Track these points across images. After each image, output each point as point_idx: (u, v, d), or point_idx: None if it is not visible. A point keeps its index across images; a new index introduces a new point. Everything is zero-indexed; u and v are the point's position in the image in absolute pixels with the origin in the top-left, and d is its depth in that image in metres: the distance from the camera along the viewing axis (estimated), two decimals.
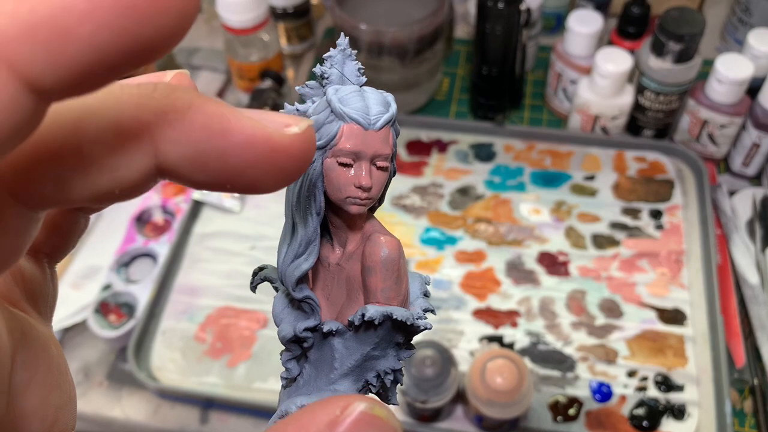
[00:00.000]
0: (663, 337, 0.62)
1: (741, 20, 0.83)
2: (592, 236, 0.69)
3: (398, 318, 0.19)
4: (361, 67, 0.20)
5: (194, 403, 0.62)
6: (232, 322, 0.65)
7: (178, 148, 0.14)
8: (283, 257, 0.20)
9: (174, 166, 0.14)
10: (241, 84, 0.83)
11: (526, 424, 0.57)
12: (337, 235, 0.20)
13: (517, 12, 0.71)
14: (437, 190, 0.74)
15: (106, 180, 0.13)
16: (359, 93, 0.19)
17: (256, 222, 0.73)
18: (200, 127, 0.14)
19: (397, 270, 0.19)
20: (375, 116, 0.19)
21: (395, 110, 0.19)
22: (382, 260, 0.19)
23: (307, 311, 0.20)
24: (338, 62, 0.20)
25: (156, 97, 0.14)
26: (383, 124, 0.19)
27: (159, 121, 0.13)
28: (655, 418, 0.58)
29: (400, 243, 0.19)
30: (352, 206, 0.19)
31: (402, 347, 0.20)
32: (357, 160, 0.19)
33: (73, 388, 0.17)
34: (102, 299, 0.67)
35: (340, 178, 0.19)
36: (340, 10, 0.74)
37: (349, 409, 0.14)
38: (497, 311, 0.65)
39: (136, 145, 0.13)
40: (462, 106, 0.85)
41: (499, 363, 0.54)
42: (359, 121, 0.19)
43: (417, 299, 0.21)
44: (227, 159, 0.14)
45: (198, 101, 0.14)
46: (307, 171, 0.19)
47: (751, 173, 0.74)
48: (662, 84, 0.71)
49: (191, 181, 0.14)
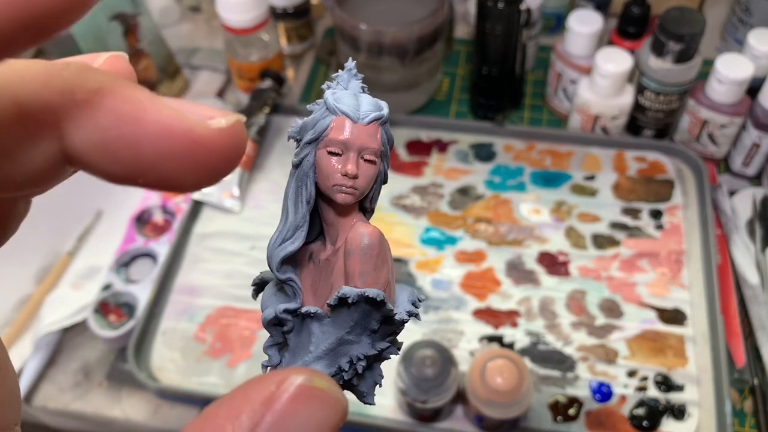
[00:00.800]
0: (663, 337, 0.62)
1: (741, 20, 0.83)
2: (592, 236, 0.69)
3: (371, 296, 0.19)
4: (364, 86, 0.22)
5: (194, 403, 0.62)
6: (232, 322, 0.65)
7: (85, 133, 0.12)
8: (273, 242, 0.21)
9: (81, 153, 0.13)
10: (241, 84, 0.83)
11: (526, 424, 0.57)
12: (329, 232, 0.22)
13: (517, 12, 0.71)
14: (437, 190, 0.74)
15: (7, 166, 0.12)
16: (354, 95, 0.21)
17: (256, 222, 0.73)
18: (110, 111, 0.12)
19: (376, 255, 0.20)
20: (364, 112, 0.20)
21: (386, 113, 0.21)
22: (361, 244, 0.20)
23: (289, 294, 0.21)
24: (344, 80, 0.22)
25: (65, 76, 0.12)
26: (372, 119, 0.20)
27: (65, 101, 0.12)
28: (655, 418, 0.58)
29: (382, 234, 0.20)
30: (339, 194, 0.20)
31: (377, 335, 0.21)
32: (345, 151, 0.20)
33: (16, 384, 0.16)
34: (102, 299, 0.67)
35: (329, 167, 0.20)
36: (340, 10, 0.74)
37: (285, 384, 0.13)
38: (497, 311, 0.65)
39: (39, 127, 0.12)
40: (462, 106, 0.85)
41: (499, 363, 0.54)
42: (349, 114, 0.20)
43: (403, 303, 0.21)
44: (139, 149, 0.13)
45: (111, 83, 0.13)
46: (301, 163, 0.21)
47: (751, 173, 0.74)
48: (662, 84, 0.71)
49: (101, 172, 0.13)
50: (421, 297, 0.22)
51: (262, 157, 0.78)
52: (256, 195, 0.75)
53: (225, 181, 0.73)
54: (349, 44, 0.76)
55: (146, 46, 0.80)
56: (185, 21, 0.99)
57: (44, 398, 0.63)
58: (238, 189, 0.73)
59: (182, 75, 0.88)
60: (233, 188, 0.73)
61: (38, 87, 0.12)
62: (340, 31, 0.76)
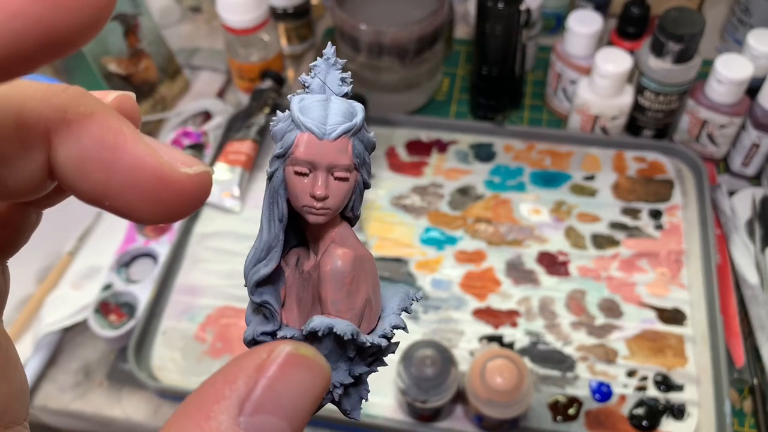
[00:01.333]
0: (663, 337, 0.62)
1: (741, 20, 0.83)
2: (592, 236, 0.70)
3: (337, 332, 0.19)
4: (345, 76, 0.20)
5: None
6: (232, 322, 0.65)
7: (67, 148, 0.14)
8: (248, 261, 0.20)
9: (61, 166, 0.14)
10: (242, 84, 0.83)
11: (526, 424, 0.58)
12: (313, 243, 0.21)
13: (517, 12, 0.71)
14: (437, 190, 0.74)
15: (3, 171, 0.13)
16: (322, 102, 0.19)
17: (256, 222, 0.72)
18: (94, 134, 0.14)
19: (348, 283, 0.19)
20: (332, 126, 0.19)
21: (359, 121, 0.19)
22: (332, 272, 0.19)
23: (266, 316, 0.20)
24: (322, 71, 0.20)
25: (62, 96, 0.14)
26: (339, 134, 0.19)
27: (58, 118, 0.13)
28: (655, 418, 0.58)
29: (358, 256, 0.19)
30: (309, 215, 0.19)
31: (355, 362, 0.20)
32: (313, 170, 0.19)
33: (24, 380, 0.17)
34: (102, 299, 0.67)
35: (297, 187, 0.19)
36: (340, 10, 0.74)
37: (275, 353, 0.15)
38: (497, 311, 0.65)
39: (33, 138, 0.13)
40: (462, 106, 0.85)
41: (499, 363, 0.54)
42: (313, 131, 0.19)
43: (390, 315, 0.21)
44: (111, 174, 0.14)
45: (103, 112, 0.14)
46: (270, 178, 0.19)
47: (750, 173, 0.74)
48: (662, 84, 0.71)
49: (74, 188, 0.14)
50: (418, 296, 0.21)
51: (262, 157, 0.78)
52: (256, 195, 0.75)
53: (225, 181, 0.73)
54: (349, 44, 0.76)
55: (146, 46, 0.80)
56: (185, 21, 0.99)
57: (44, 398, 0.63)
58: (238, 189, 0.73)
59: (182, 75, 0.88)
60: (233, 188, 0.73)
61: (38, 102, 0.13)
62: (340, 31, 0.76)
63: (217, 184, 0.73)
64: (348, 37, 0.75)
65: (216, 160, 0.76)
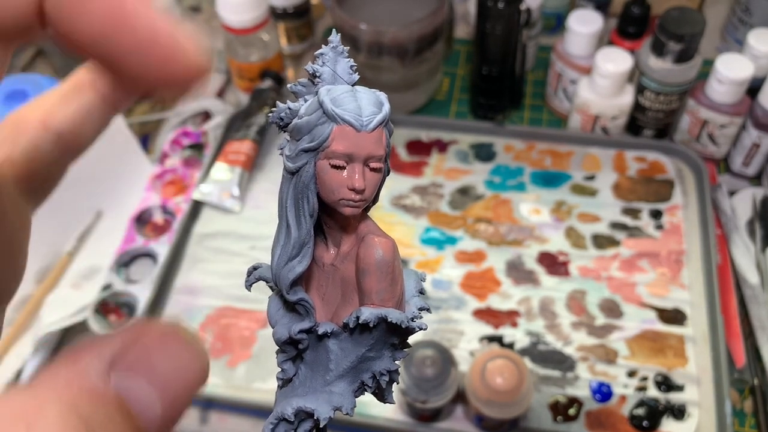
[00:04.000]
0: (663, 337, 0.62)
1: (741, 20, 0.83)
2: (592, 236, 0.69)
3: (393, 321, 0.18)
4: (354, 65, 0.20)
5: (194, 403, 0.62)
6: (232, 322, 0.65)
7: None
8: (277, 259, 0.20)
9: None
10: (241, 84, 0.83)
11: (526, 424, 0.57)
12: (332, 235, 0.20)
13: (517, 12, 0.71)
14: (437, 190, 0.74)
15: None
16: (352, 93, 0.19)
17: (256, 222, 0.73)
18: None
19: (392, 272, 0.19)
20: (368, 117, 0.18)
21: (388, 110, 0.19)
22: (376, 262, 0.19)
23: (301, 313, 0.20)
24: (330, 60, 0.19)
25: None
26: (376, 125, 0.18)
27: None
28: (655, 418, 0.58)
29: (395, 243, 0.19)
30: (346, 208, 0.19)
31: (397, 348, 0.20)
32: (350, 162, 0.18)
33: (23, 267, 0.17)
34: (102, 299, 0.67)
35: (333, 181, 0.19)
36: (340, 10, 0.74)
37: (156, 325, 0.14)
38: (497, 311, 0.65)
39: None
40: (462, 106, 0.85)
41: (499, 363, 0.54)
42: (352, 123, 0.18)
43: (413, 298, 0.20)
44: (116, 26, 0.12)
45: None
46: (299, 172, 0.19)
47: (751, 173, 0.74)
48: (662, 84, 0.71)
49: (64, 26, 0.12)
50: (423, 276, 0.21)
51: (262, 157, 0.78)
52: (256, 195, 0.75)
53: (225, 181, 0.73)
54: (349, 44, 0.76)
55: None
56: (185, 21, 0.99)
57: None
58: (238, 189, 0.73)
59: None
60: (233, 188, 0.73)
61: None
62: (340, 31, 0.76)
63: (217, 184, 0.73)
64: (348, 36, 0.75)
65: (215, 160, 0.76)
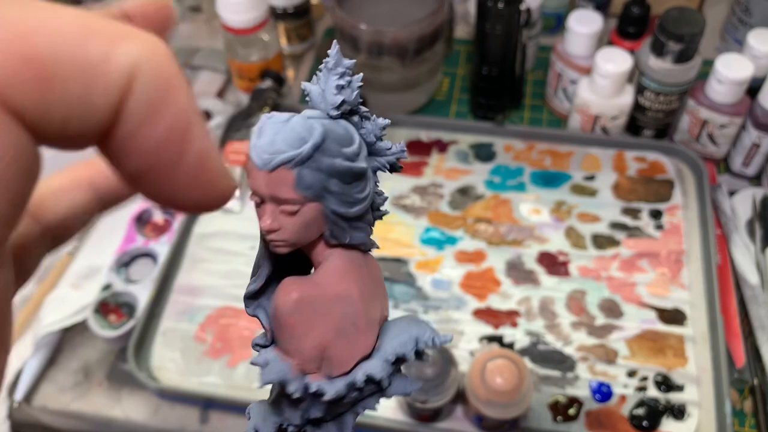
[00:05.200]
0: (663, 337, 0.62)
1: (741, 20, 0.83)
2: (592, 236, 0.69)
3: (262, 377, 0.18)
4: (341, 84, 0.18)
5: (194, 403, 0.62)
6: (232, 322, 0.65)
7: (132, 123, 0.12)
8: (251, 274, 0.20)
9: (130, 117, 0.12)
10: (241, 84, 0.83)
11: (526, 424, 0.57)
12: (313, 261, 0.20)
13: (517, 12, 0.71)
14: (437, 190, 0.74)
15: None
16: (278, 125, 0.17)
17: (256, 222, 0.72)
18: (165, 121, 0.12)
19: (289, 326, 0.18)
20: (269, 156, 0.17)
21: (306, 149, 0.17)
22: (276, 311, 0.18)
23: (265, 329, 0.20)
24: (321, 79, 0.18)
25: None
26: (276, 165, 0.17)
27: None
28: (655, 418, 0.58)
29: (308, 298, 0.18)
30: (271, 244, 0.18)
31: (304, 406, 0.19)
32: (264, 201, 0.18)
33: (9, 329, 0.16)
34: (102, 299, 0.67)
35: (257, 214, 0.18)
36: (340, 10, 0.74)
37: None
38: (497, 311, 0.65)
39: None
40: (462, 106, 0.85)
41: (499, 363, 0.54)
42: (253, 160, 0.17)
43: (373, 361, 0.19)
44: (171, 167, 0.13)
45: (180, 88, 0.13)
46: None
47: (751, 173, 0.74)
48: (662, 84, 0.71)
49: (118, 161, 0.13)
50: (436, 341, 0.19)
51: None
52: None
53: None
54: (349, 44, 0.76)
55: None
56: (185, 21, 0.99)
57: (44, 398, 0.63)
58: (238, 189, 0.73)
59: None
60: None
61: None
62: (340, 31, 0.76)
63: None
64: (348, 36, 0.75)
65: None
